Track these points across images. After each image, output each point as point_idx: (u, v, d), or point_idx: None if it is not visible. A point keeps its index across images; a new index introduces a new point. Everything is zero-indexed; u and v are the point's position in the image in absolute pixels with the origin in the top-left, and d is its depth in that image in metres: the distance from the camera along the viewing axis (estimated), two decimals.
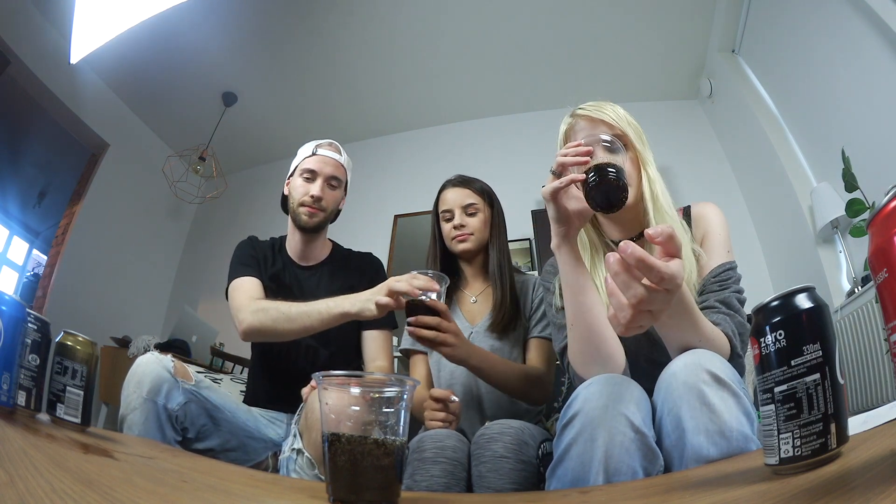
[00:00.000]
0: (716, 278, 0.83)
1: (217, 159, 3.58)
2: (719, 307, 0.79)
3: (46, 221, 4.66)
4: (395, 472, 0.45)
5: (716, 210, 0.91)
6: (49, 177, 4.32)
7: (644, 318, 0.52)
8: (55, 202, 4.29)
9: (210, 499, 0.47)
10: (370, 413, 0.45)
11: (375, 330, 1.27)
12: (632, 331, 0.53)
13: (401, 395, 0.46)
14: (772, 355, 0.39)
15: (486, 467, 0.90)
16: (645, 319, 0.52)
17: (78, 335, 0.70)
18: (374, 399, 0.46)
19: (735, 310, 0.79)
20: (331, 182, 1.29)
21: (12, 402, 0.57)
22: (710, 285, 0.82)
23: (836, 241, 2.20)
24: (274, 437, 1.15)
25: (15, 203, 4.49)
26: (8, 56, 2.72)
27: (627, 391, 0.62)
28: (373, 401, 0.46)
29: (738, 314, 0.79)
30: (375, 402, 0.46)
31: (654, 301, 0.51)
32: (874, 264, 0.34)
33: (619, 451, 0.58)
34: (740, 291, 0.82)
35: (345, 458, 0.44)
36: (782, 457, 0.37)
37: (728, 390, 0.60)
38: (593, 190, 0.69)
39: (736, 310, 0.79)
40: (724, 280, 0.82)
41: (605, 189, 0.68)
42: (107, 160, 3.42)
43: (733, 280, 0.83)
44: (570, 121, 0.94)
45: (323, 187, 1.27)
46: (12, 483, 0.33)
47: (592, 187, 0.69)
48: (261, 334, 1.09)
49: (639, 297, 0.50)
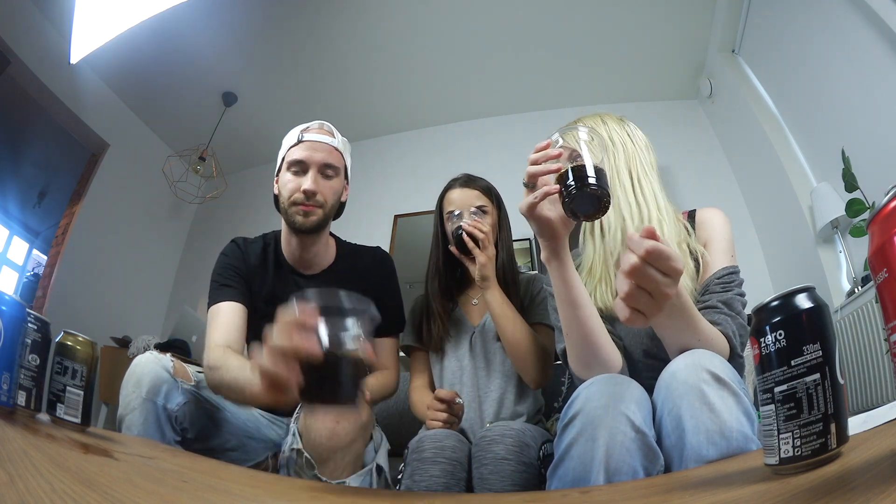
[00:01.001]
0: (719, 280, 0.83)
1: (217, 159, 3.57)
2: (721, 307, 0.79)
3: (46, 221, 4.66)
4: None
5: (720, 215, 0.92)
6: (49, 177, 4.32)
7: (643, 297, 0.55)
8: (55, 202, 4.29)
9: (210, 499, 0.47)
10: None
11: (381, 337, 1.19)
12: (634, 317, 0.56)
13: None
14: (772, 355, 0.39)
15: (488, 469, 0.90)
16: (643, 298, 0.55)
17: (78, 335, 0.70)
18: None
19: (737, 311, 0.80)
20: (325, 171, 1.09)
21: (12, 402, 0.57)
22: (712, 286, 0.83)
23: (836, 241, 2.20)
24: (274, 437, 1.14)
25: (15, 203, 4.48)
26: (8, 56, 2.72)
27: (628, 391, 0.63)
28: None
29: (740, 316, 0.79)
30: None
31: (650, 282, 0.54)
32: (874, 264, 0.34)
33: (620, 451, 0.58)
34: (742, 295, 0.83)
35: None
36: (782, 457, 0.37)
37: (728, 390, 0.60)
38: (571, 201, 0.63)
39: (738, 311, 0.80)
40: (727, 282, 0.83)
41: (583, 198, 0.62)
42: (107, 160, 3.41)
43: (736, 283, 0.83)
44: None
45: (316, 179, 1.07)
46: (12, 483, 0.33)
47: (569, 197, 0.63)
48: (219, 393, 0.98)
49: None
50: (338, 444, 0.85)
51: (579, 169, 0.63)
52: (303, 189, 1.07)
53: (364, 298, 0.59)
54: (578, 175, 0.63)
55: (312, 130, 1.12)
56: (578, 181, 0.62)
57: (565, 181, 0.64)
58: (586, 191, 0.62)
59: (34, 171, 4.27)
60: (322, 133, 1.12)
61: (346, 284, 1.21)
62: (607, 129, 0.93)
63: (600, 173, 0.63)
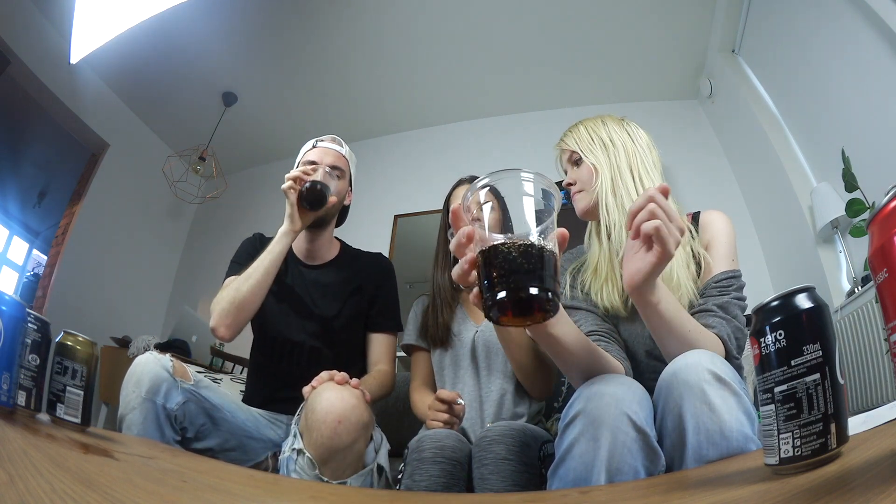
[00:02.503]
0: (717, 283, 0.83)
1: (217, 159, 3.57)
2: (716, 311, 0.79)
3: (46, 221, 4.66)
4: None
5: (724, 219, 0.92)
6: (49, 177, 4.32)
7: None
8: (55, 202, 4.29)
9: (210, 499, 0.47)
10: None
11: (381, 333, 1.27)
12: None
13: None
14: (772, 355, 0.39)
15: (488, 469, 0.90)
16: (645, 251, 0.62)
17: (78, 335, 0.70)
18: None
19: (733, 315, 0.79)
20: (333, 172, 1.28)
21: (12, 402, 0.57)
22: (710, 290, 0.83)
23: (836, 241, 2.20)
24: (274, 437, 1.14)
25: (15, 203, 4.49)
26: (8, 56, 2.72)
27: (629, 390, 0.62)
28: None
29: (736, 319, 0.79)
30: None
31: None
32: (874, 264, 0.34)
33: (622, 451, 0.58)
34: (741, 298, 0.82)
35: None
36: (782, 457, 0.37)
37: (729, 390, 0.60)
38: (491, 306, 0.44)
39: (734, 315, 0.79)
40: (724, 286, 0.82)
41: (505, 305, 0.43)
42: (107, 160, 3.42)
43: (735, 287, 0.83)
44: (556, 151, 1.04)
45: (325, 175, 1.25)
46: (12, 483, 0.33)
47: (490, 301, 0.44)
48: (232, 325, 1.12)
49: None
50: (339, 444, 0.85)
51: (495, 256, 0.44)
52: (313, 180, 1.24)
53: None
54: (494, 271, 0.43)
55: (326, 140, 1.34)
56: (498, 280, 0.43)
57: (479, 278, 0.45)
58: (505, 298, 0.43)
59: (34, 171, 4.27)
60: (333, 143, 1.34)
61: (342, 275, 1.28)
62: (607, 129, 0.95)
63: (532, 256, 0.43)
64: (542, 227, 0.46)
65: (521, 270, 0.42)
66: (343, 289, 1.27)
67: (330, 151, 1.30)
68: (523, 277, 0.42)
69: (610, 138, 0.94)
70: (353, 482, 0.88)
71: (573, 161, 0.97)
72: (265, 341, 1.24)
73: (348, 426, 0.86)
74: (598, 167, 0.92)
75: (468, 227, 0.49)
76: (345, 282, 1.28)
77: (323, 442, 0.85)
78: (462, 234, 0.49)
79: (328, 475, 0.86)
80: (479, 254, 0.45)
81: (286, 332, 1.22)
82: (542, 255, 0.44)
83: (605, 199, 0.90)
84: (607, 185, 0.91)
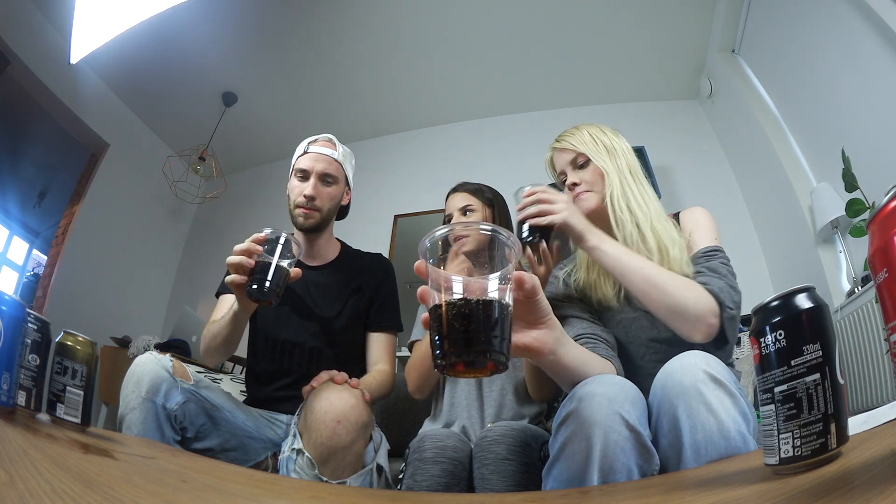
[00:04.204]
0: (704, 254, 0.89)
1: (217, 159, 3.57)
2: (705, 271, 0.84)
3: (46, 221, 4.66)
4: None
5: (702, 210, 1.00)
6: (49, 177, 4.32)
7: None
8: (55, 202, 4.29)
9: (210, 499, 0.47)
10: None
11: (381, 333, 1.27)
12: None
13: None
14: (772, 355, 0.39)
15: (489, 469, 0.90)
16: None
17: (78, 335, 0.70)
18: None
19: (721, 274, 0.83)
20: (325, 179, 1.25)
21: (12, 402, 0.57)
22: (697, 258, 0.88)
23: (836, 241, 2.20)
24: (274, 437, 1.14)
25: (15, 203, 4.49)
26: (8, 56, 2.72)
27: (623, 390, 0.63)
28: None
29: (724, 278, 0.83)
30: None
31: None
32: (874, 264, 0.34)
33: (615, 450, 0.58)
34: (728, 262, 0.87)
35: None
36: (782, 457, 0.37)
37: (725, 390, 0.60)
38: (446, 366, 0.44)
39: (722, 274, 0.84)
40: (710, 255, 0.88)
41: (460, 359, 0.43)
42: (107, 160, 3.42)
43: (720, 255, 0.88)
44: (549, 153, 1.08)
45: (316, 186, 1.23)
46: (12, 483, 0.33)
47: (441, 358, 0.44)
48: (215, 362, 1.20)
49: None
50: (338, 444, 0.85)
51: (444, 314, 0.43)
52: (304, 194, 1.23)
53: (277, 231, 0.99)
54: (444, 329, 0.43)
55: (318, 143, 1.28)
56: (448, 339, 0.43)
57: (430, 332, 0.45)
58: (452, 360, 0.43)
59: (34, 171, 4.27)
60: (326, 146, 1.28)
61: (341, 276, 1.28)
62: (608, 138, 1.02)
63: (479, 316, 0.42)
64: (501, 273, 0.45)
65: (469, 331, 0.42)
66: (343, 289, 1.27)
67: (321, 157, 1.25)
68: (471, 339, 0.42)
69: (612, 144, 1.01)
70: (353, 482, 0.88)
71: (577, 163, 1.02)
72: (265, 341, 1.24)
73: (347, 426, 0.86)
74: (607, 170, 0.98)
75: (423, 286, 0.48)
76: (345, 282, 1.28)
77: (322, 442, 0.85)
78: (418, 293, 0.48)
79: (327, 475, 0.86)
80: (430, 310, 0.45)
81: (286, 332, 1.22)
82: (490, 313, 0.43)
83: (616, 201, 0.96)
84: (617, 187, 0.97)
